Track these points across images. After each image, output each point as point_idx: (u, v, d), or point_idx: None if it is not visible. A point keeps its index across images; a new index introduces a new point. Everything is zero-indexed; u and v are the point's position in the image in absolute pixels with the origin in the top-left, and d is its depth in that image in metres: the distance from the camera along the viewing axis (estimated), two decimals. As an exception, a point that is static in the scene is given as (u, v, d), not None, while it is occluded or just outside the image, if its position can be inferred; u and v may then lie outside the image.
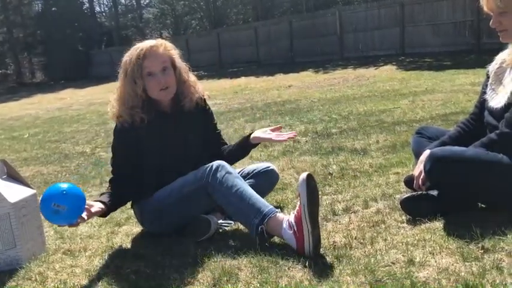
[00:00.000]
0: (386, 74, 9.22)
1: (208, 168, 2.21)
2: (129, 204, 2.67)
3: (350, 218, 2.30)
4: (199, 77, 10.37)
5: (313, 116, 5.37)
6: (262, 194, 2.34)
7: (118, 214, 2.83)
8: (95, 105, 11.45)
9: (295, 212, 1.97)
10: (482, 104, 2.33)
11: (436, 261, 1.74)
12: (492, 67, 2.31)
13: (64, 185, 1.98)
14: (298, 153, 3.77)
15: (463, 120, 2.42)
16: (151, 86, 2.30)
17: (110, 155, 2.43)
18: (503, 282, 1.53)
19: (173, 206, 2.29)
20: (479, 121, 2.31)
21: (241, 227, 2.29)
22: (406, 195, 2.25)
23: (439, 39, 12.92)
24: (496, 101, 2.21)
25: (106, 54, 27.18)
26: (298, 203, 1.96)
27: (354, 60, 12.31)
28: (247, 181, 2.33)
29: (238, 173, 2.45)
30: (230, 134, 5.04)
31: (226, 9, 28.15)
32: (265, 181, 2.51)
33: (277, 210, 2.10)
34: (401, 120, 4.56)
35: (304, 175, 1.94)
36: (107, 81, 18.64)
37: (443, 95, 5.90)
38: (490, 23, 2.15)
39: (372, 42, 14.69)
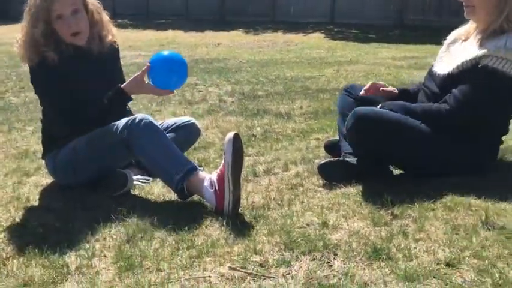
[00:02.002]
0: (314, 42, 9.34)
1: (130, 121, 2.11)
2: (39, 154, 2.51)
3: (270, 179, 2.33)
4: (123, 26, 9.84)
5: (241, 77, 5.32)
6: (183, 149, 2.31)
7: (27, 164, 2.66)
8: (6, 46, 10.54)
9: (218, 171, 1.96)
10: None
11: (348, 225, 1.82)
12: (447, 41, 2.41)
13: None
14: (223, 113, 3.74)
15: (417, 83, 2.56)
16: (61, 30, 2.17)
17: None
18: (408, 247, 1.63)
19: (90, 158, 2.18)
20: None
21: (159, 183, 2.24)
22: (324, 161, 2.31)
23: (367, 11, 13.25)
24: (440, 67, 2.30)
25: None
26: (222, 161, 1.94)
27: (284, 24, 12.31)
28: (167, 135, 2.27)
29: None
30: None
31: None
32: (186, 135, 2.45)
33: (200, 168, 2.07)
34: (325, 88, 4.65)
35: (231, 134, 1.92)
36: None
37: (366, 66, 6.08)
38: None
39: (303, 8, 14.76)
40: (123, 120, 2.13)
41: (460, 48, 2.28)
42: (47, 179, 2.42)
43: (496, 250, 1.59)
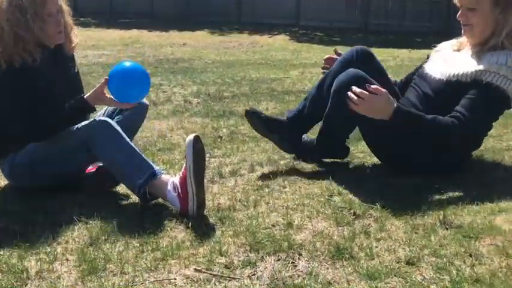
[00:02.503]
0: (280, 44, 9.40)
1: (91, 124, 2.07)
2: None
3: (236, 181, 2.33)
4: (86, 24, 9.61)
5: (207, 77, 5.30)
6: (134, 128, 2.33)
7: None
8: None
9: (181, 174, 1.95)
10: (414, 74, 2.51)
11: (312, 225, 1.85)
12: (437, 47, 2.48)
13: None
14: (188, 114, 3.71)
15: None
16: (50, 28, 2.14)
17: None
18: (369, 246, 1.67)
19: (49, 161, 2.12)
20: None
21: (123, 186, 2.21)
22: (254, 110, 2.55)
23: (332, 14, 13.45)
24: (433, 69, 2.33)
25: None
26: (184, 164, 1.94)
27: (249, 25, 12.35)
28: (115, 118, 2.26)
29: (104, 112, 2.38)
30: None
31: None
32: (133, 114, 2.35)
33: (162, 171, 2.05)
34: (290, 90, 4.69)
35: (191, 137, 1.91)
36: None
37: (331, 69, 6.17)
38: (457, 15, 2.24)
39: (269, 10, 14.84)
40: (83, 123, 2.10)
41: (453, 56, 2.33)
42: (3, 181, 2.34)
43: (454, 248, 1.65)
